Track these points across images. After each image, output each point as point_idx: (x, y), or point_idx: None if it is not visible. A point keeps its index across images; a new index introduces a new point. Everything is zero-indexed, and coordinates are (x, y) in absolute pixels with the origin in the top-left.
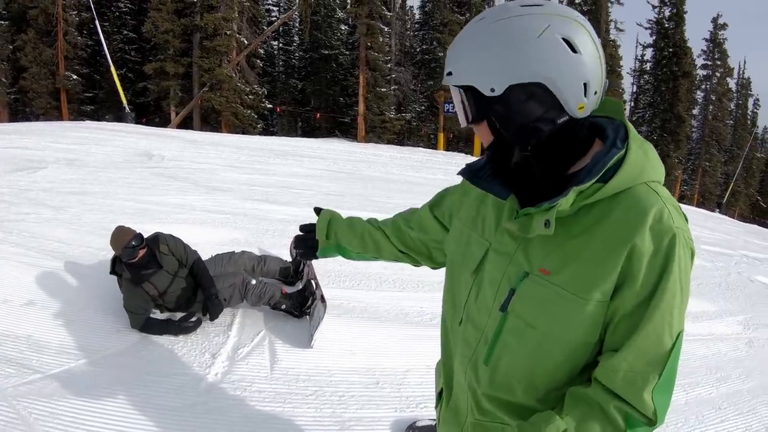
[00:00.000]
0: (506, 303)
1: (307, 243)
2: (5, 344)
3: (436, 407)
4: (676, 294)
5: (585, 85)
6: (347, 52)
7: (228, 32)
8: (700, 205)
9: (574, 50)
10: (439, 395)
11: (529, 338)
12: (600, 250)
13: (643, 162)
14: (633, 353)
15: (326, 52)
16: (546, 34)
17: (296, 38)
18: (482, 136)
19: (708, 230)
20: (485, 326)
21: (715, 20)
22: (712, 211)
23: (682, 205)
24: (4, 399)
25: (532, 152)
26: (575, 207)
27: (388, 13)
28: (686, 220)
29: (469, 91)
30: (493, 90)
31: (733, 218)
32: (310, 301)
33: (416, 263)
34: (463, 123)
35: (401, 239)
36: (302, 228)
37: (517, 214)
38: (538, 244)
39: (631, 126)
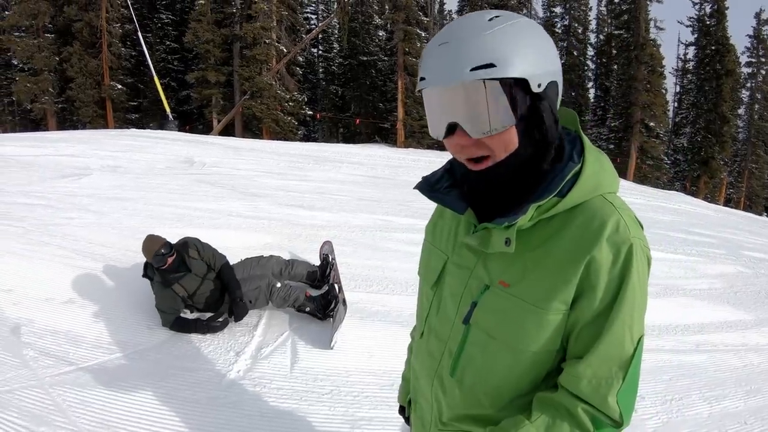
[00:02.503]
0: (469, 315)
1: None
2: (45, 338)
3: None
4: (635, 301)
5: None
6: (386, 58)
7: (267, 41)
8: (746, 208)
9: None
10: (409, 403)
11: (492, 349)
12: (558, 262)
13: (599, 175)
14: (596, 360)
15: (365, 58)
16: (548, 37)
17: (335, 45)
18: (501, 145)
19: (752, 235)
20: (448, 338)
21: (758, 15)
22: (760, 214)
23: (728, 209)
24: (41, 387)
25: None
26: (533, 221)
27: (425, 19)
28: (641, 227)
29: (512, 89)
30: (539, 86)
31: None
32: (333, 304)
33: None
34: (501, 127)
35: None
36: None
37: (475, 229)
38: (497, 256)
39: (585, 138)
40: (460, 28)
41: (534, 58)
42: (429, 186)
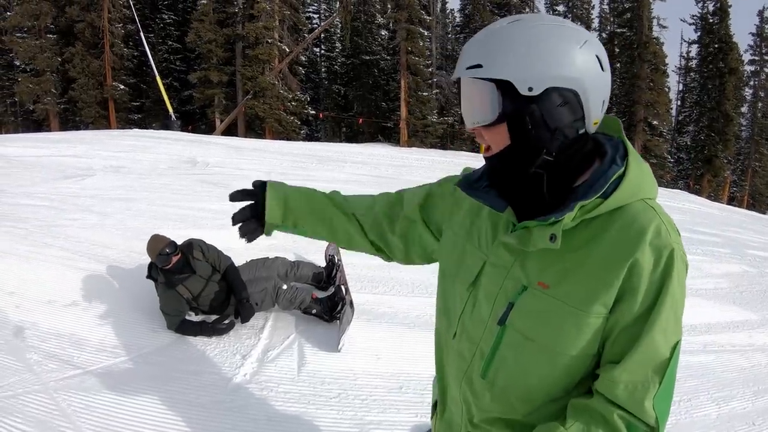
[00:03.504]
0: (505, 316)
1: (250, 225)
2: (49, 341)
3: (431, 418)
4: (674, 306)
5: (603, 102)
6: (388, 57)
7: (269, 41)
8: (750, 207)
9: (602, 68)
10: (434, 407)
11: (528, 351)
12: (600, 264)
13: (641, 179)
14: (633, 364)
15: (367, 57)
16: (586, 47)
17: (338, 44)
18: (495, 139)
19: (756, 234)
20: (480, 340)
21: (761, 13)
22: (763, 213)
23: (732, 207)
24: (45, 392)
25: (554, 159)
26: (576, 221)
27: (428, 17)
28: (679, 234)
29: (500, 88)
30: (530, 89)
31: None
32: (339, 306)
33: (388, 259)
34: (482, 121)
35: (381, 238)
36: (243, 201)
37: (514, 227)
38: (535, 257)
39: (629, 143)
40: (482, 31)
41: (526, 62)
42: (469, 184)
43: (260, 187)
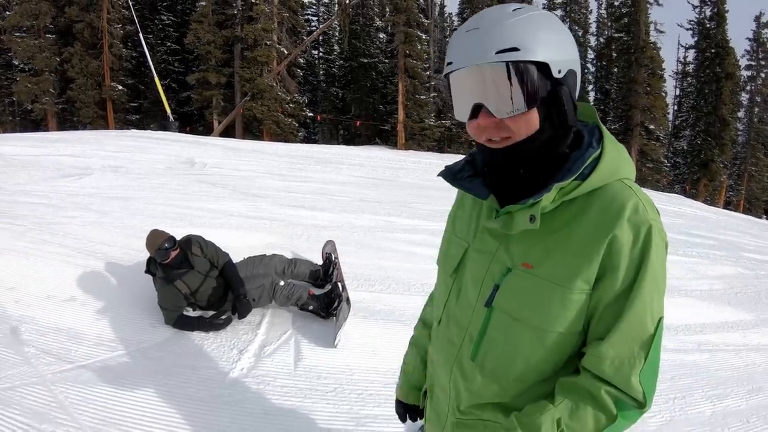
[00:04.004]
0: (491, 298)
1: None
2: (47, 335)
3: (421, 407)
4: (656, 281)
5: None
6: (386, 60)
7: (268, 43)
8: (746, 211)
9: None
10: (425, 395)
11: (515, 332)
12: (581, 242)
13: (618, 160)
14: (618, 340)
15: (365, 60)
16: (567, 29)
17: (336, 47)
18: (521, 127)
19: (752, 237)
20: (469, 324)
21: (758, 18)
22: (759, 217)
23: (728, 211)
24: (43, 385)
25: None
26: (555, 203)
27: (426, 21)
28: (658, 213)
29: (534, 72)
30: (560, 71)
31: None
32: (336, 303)
33: None
34: (520, 108)
35: None
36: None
37: (497, 213)
38: (519, 240)
39: (604, 127)
40: (486, 16)
41: (555, 45)
42: (452, 174)
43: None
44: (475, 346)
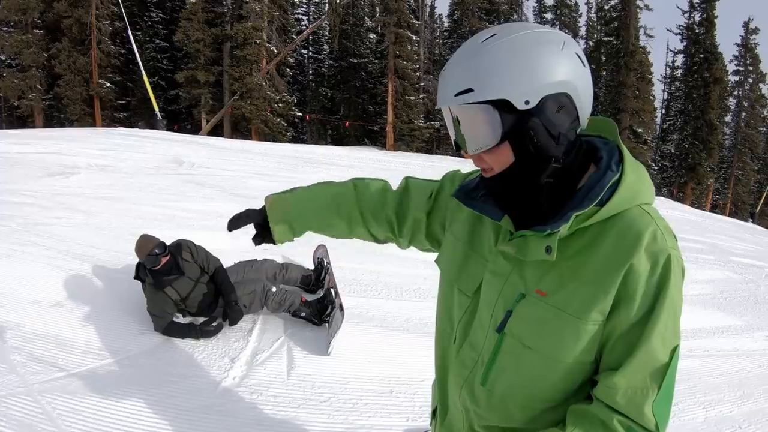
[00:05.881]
0: (503, 324)
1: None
2: (33, 343)
3: (430, 424)
4: (673, 310)
5: (590, 96)
6: (376, 61)
7: (258, 41)
8: (732, 214)
9: (584, 65)
10: (434, 413)
11: (526, 359)
12: (597, 271)
13: (637, 185)
14: (632, 371)
15: (355, 60)
16: (566, 48)
17: (326, 47)
18: (498, 160)
19: (739, 241)
20: (482, 348)
21: (746, 24)
22: (745, 220)
23: (713, 214)
24: (29, 395)
25: (562, 164)
26: (571, 230)
27: (417, 22)
28: (676, 239)
29: (496, 108)
30: (527, 102)
31: (766, 228)
32: (329, 309)
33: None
34: (486, 145)
35: (388, 238)
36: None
37: (511, 236)
38: (533, 265)
39: (625, 148)
40: (457, 53)
41: (517, 77)
42: (465, 194)
43: (260, 213)
44: (486, 371)
